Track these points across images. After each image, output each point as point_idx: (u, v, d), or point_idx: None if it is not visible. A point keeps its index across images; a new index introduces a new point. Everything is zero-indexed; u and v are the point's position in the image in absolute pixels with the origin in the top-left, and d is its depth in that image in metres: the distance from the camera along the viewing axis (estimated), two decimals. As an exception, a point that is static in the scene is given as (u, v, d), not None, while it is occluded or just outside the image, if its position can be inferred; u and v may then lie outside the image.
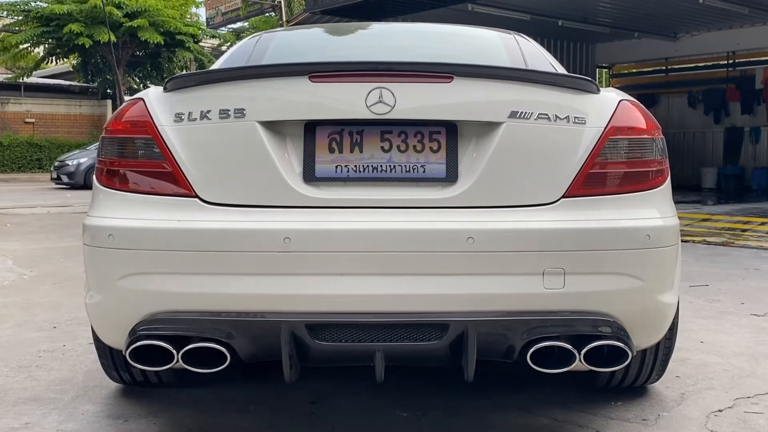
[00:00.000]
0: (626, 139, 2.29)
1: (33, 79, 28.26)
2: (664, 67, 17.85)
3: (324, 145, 2.25)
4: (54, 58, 26.91)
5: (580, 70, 16.19)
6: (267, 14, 23.09)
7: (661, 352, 2.70)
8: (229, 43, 28.26)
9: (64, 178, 18.85)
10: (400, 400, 2.81)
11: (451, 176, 2.23)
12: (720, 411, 2.71)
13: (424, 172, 2.24)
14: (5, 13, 25.69)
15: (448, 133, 2.26)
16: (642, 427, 2.56)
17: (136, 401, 2.82)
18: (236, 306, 2.15)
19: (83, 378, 3.10)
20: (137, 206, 2.24)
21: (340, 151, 2.25)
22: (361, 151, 2.25)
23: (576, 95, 2.31)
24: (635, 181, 2.29)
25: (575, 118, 2.26)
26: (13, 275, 5.73)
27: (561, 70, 2.92)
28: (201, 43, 28.55)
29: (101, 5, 22.11)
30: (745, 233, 8.28)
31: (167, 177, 2.24)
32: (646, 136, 2.32)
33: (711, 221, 9.50)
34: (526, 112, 2.23)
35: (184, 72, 18.67)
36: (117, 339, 2.30)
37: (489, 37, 3.26)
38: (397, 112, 2.20)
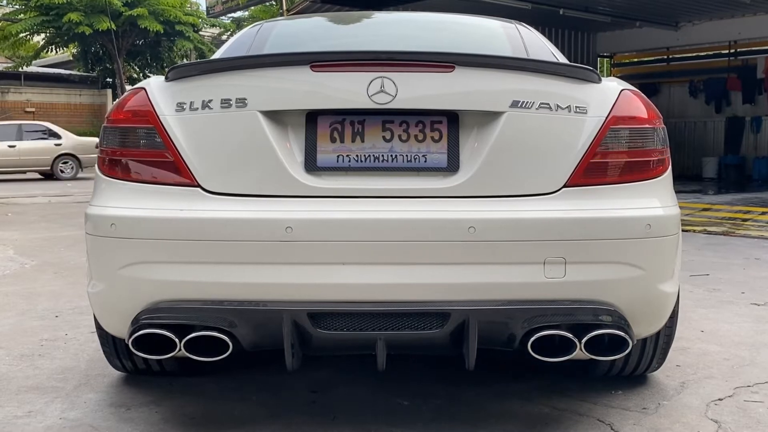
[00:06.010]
0: (627, 129, 2.29)
1: (33, 68, 28.20)
2: (665, 57, 17.77)
3: (325, 134, 2.25)
4: (54, 47, 26.84)
5: (582, 59, 16.14)
6: (267, 3, 22.98)
7: (662, 340, 2.71)
8: (230, 32, 28.16)
9: None
10: (401, 388, 2.82)
11: (452, 166, 2.24)
12: (720, 400, 2.72)
13: (425, 161, 2.24)
14: (5, 1, 25.60)
15: (450, 123, 2.26)
16: (642, 416, 2.57)
17: (139, 389, 2.83)
18: (238, 295, 2.16)
19: (85, 366, 3.12)
20: (139, 195, 2.25)
21: (342, 141, 2.25)
22: (362, 141, 2.25)
23: (577, 85, 2.31)
24: (636, 171, 2.29)
25: (577, 107, 2.26)
26: (15, 264, 5.74)
27: (562, 59, 2.92)
28: (201, 32, 28.49)
29: (101, -6, 22.06)
30: (746, 223, 8.28)
31: (169, 166, 2.25)
32: (647, 126, 2.32)
33: (712, 211, 9.50)
34: (527, 102, 2.23)
35: (185, 61, 18.60)
36: (119, 328, 2.31)
37: (490, 26, 3.25)
38: (398, 102, 2.20)
